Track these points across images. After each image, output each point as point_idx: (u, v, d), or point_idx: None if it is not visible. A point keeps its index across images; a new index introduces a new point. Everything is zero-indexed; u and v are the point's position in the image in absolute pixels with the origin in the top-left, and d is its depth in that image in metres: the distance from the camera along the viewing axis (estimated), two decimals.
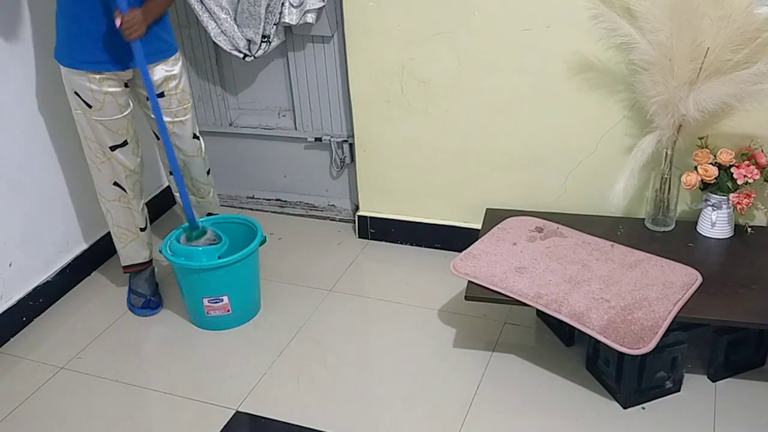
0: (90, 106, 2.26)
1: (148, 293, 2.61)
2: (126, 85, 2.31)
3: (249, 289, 2.52)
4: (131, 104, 2.37)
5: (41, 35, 2.46)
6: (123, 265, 2.62)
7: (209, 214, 2.68)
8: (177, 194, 2.61)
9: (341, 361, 2.32)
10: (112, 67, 2.22)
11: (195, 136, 2.50)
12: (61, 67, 2.23)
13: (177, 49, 2.36)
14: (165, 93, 2.34)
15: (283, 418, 2.11)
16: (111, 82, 2.25)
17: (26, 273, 2.56)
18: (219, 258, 2.38)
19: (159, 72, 2.30)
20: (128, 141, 2.38)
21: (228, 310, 2.45)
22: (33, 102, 2.48)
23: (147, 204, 2.87)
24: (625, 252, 2.22)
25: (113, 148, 2.35)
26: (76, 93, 2.25)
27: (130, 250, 2.58)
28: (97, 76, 2.21)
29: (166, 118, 2.35)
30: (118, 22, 2.10)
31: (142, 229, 2.56)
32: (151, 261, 2.66)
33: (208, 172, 2.63)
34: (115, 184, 2.43)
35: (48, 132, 2.56)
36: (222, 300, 2.42)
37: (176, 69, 2.34)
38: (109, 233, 2.79)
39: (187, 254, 2.39)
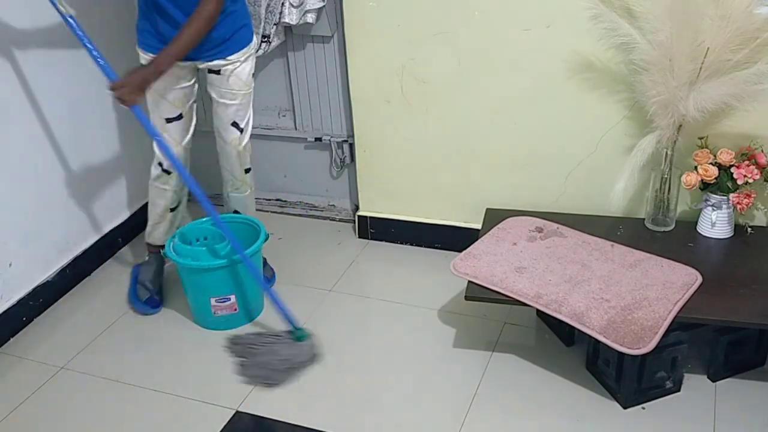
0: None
1: (154, 289, 2.61)
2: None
3: (254, 287, 2.53)
4: (193, 81, 2.38)
5: (42, 32, 2.46)
6: (146, 241, 2.67)
7: (236, 212, 2.66)
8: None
9: (341, 361, 2.32)
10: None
11: (235, 124, 2.45)
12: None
13: (245, 44, 2.32)
14: (221, 71, 2.34)
15: (283, 418, 2.11)
16: None
17: (26, 273, 2.56)
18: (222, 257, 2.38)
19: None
20: (183, 114, 2.40)
21: (235, 309, 2.45)
22: (33, 101, 2.48)
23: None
24: (625, 252, 2.22)
25: (169, 120, 2.37)
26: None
27: (155, 230, 2.62)
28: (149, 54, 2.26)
29: (214, 95, 2.38)
30: (111, 92, 2.14)
31: (171, 210, 2.58)
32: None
33: (247, 171, 2.58)
34: (159, 165, 2.47)
35: (48, 132, 2.56)
36: (229, 299, 2.42)
37: (233, 57, 2.32)
38: (108, 233, 2.80)
39: (192, 254, 2.40)
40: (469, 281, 2.15)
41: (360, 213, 2.94)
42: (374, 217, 2.91)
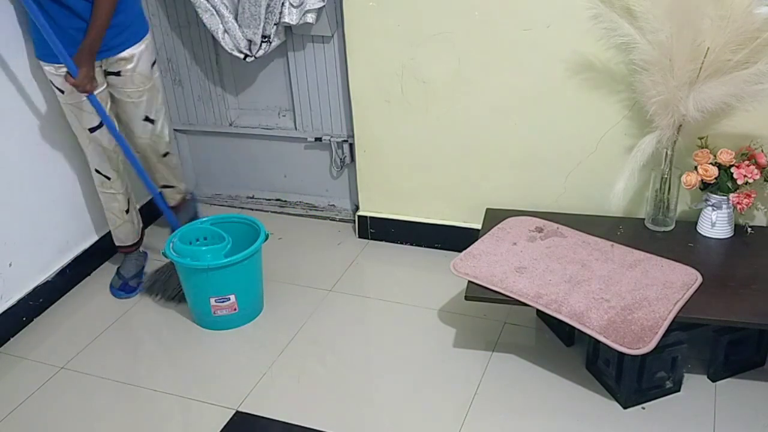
0: (62, 92, 2.34)
1: (128, 276, 2.68)
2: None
3: (254, 287, 2.53)
4: (105, 85, 2.40)
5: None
6: (116, 244, 2.75)
7: (165, 186, 2.76)
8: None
9: (341, 361, 2.32)
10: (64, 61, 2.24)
11: (147, 119, 2.52)
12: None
13: (141, 37, 2.38)
14: (121, 73, 2.38)
15: (283, 418, 2.11)
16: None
17: (26, 273, 2.56)
18: (225, 257, 2.39)
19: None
20: (102, 121, 2.41)
21: (235, 309, 2.45)
22: (33, 102, 2.48)
23: (146, 205, 2.88)
24: (625, 252, 2.22)
25: (92, 130, 2.41)
26: (51, 82, 2.35)
27: (119, 232, 2.70)
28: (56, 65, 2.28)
29: (120, 96, 2.43)
30: (68, 85, 2.26)
31: (127, 212, 2.64)
32: (139, 243, 2.76)
33: (164, 155, 2.67)
34: (97, 171, 2.52)
35: (48, 132, 2.56)
36: (229, 299, 2.42)
37: (128, 52, 2.36)
38: (108, 233, 2.80)
39: (192, 254, 2.40)
40: (469, 281, 2.14)
41: (360, 213, 2.94)
42: (374, 217, 2.91)
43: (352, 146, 2.88)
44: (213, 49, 2.93)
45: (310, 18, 2.61)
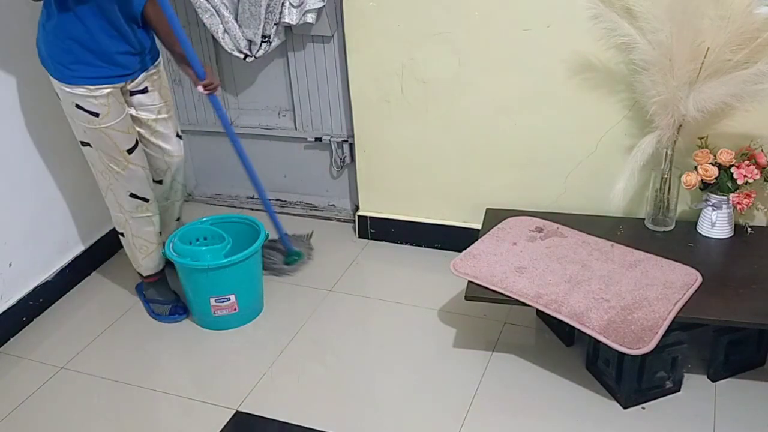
0: (97, 115, 2.16)
1: (172, 299, 2.57)
2: None
3: (254, 287, 2.53)
4: (125, 110, 2.26)
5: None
6: (144, 275, 2.55)
7: (179, 220, 2.66)
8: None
9: (341, 361, 2.32)
10: (115, 81, 2.17)
11: (178, 135, 2.45)
12: (55, 81, 2.14)
13: (158, 49, 2.34)
14: (148, 89, 2.28)
15: (283, 418, 2.11)
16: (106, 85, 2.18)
17: (26, 273, 2.56)
18: (225, 257, 2.39)
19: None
20: (138, 140, 2.31)
21: (235, 309, 2.45)
22: (33, 102, 2.48)
23: None
24: (625, 252, 2.22)
25: (130, 151, 2.27)
26: (78, 106, 2.15)
27: (150, 261, 2.52)
28: (92, 86, 2.14)
29: (149, 115, 2.31)
30: (200, 89, 2.29)
31: (160, 233, 2.51)
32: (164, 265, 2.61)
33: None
34: (132, 195, 2.35)
35: (48, 132, 2.56)
36: (229, 299, 2.42)
37: (159, 63, 2.32)
38: (108, 233, 2.80)
39: (192, 254, 2.40)
40: (469, 281, 2.14)
41: (360, 213, 2.94)
42: (374, 217, 2.91)
43: (352, 146, 2.88)
44: (213, 49, 2.93)
45: (310, 18, 2.61)
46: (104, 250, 2.87)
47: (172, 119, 2.41)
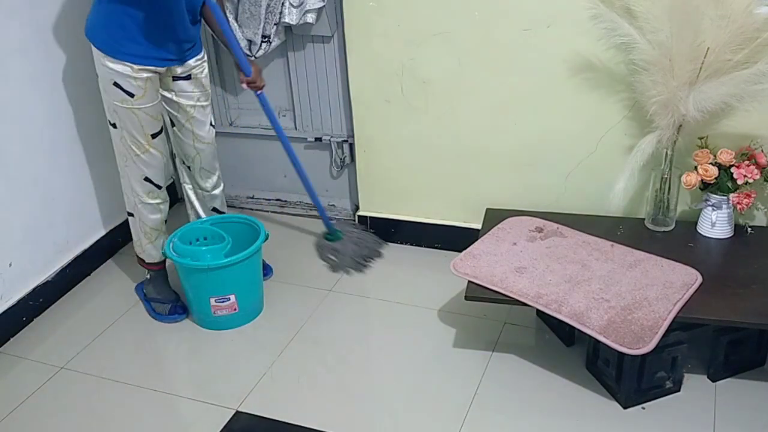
0: (132, 95, 2.22)
1: (172, 298, 2.57)
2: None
3: (254, 287, 2.53)
4: (158, 96, 2.35)
5: (41, 36, 2.46)
6: (147, 261, 2.57)
7: (215, 210, 2.66)
8: (187, 186, 2.63)
9: (341, 361, 2.32)
10: (160, 64, 2.24)
11: (212, 124, 2.51)
12: (100, 55, 2.18)
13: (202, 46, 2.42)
14: (192, 76, 2.36)
15: (283, 418, 2.11)
16: (148, 69, 2.24)
17: (26, 273, 2.56)
18: (225, 257, 2.39)
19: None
20: (163, 127, 2.38)
21: (235, 309, 2.45)
22: (33, 101, 2.48)
23: None
24: (625, 252, 2.22)
25: (154, 136, 2.33)
26: (116, 84, 2.19)
27: (153, 248, 2.54)
28: (137, 66, 2.20)
29: (188, 102, 2.39)
30: (244, 86, 2.44)
31: (165, 221, 2.55)
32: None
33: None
34: (146, 179, 2.39)
35: (48, 132, 2.56)
36: (229, 299, 2.42)
37: (202, 53, 2.39)
38: (109, 233, 2.80)
39: (192, 254, 2.40)
40: (469, 281, 2.14)
41: (360, 213, 2.94)
42: (374, 217, 2.91)
43: (352, 146, 2.88)
44: (213, 49, 2.93)
45: (310, 18, 2.61)
46: (104, 250, 2.87)
47: (209, 108, 2.48)
